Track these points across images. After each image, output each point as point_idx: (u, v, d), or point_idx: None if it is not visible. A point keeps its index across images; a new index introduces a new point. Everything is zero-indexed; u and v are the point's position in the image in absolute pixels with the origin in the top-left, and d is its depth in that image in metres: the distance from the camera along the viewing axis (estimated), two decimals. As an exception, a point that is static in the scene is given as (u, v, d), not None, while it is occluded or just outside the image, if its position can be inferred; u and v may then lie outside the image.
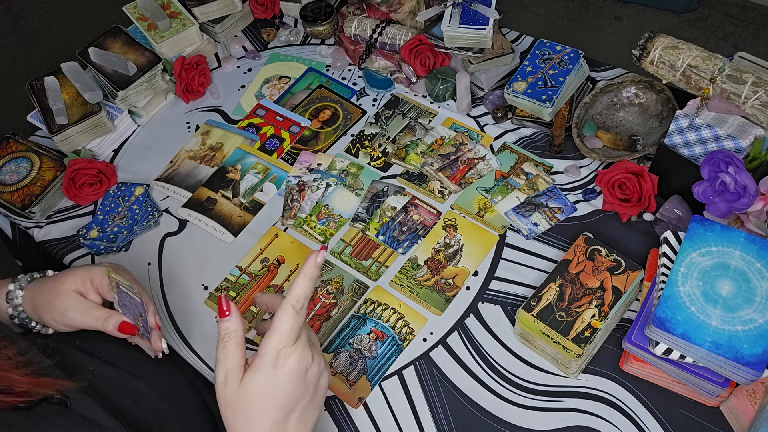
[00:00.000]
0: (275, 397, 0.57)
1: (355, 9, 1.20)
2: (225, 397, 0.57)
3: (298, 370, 0.58)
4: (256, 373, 0.57)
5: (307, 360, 0.58)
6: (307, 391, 0.59)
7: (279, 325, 0.57)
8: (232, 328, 0.58)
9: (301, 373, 0.58)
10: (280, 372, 0.57)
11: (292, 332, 0.57)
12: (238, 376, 0.57)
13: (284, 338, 0.57)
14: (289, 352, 0.57)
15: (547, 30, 2.32)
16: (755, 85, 0.82)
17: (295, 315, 0.57)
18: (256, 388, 0.57)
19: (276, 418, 0.57)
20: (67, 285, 0.74)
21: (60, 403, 0.58)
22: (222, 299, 0.58)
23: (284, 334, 0.57)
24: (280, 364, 0.57)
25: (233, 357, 0.57)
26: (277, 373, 0.57)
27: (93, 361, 0.70)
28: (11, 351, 0.56)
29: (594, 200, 0.97)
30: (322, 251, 0.59)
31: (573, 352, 0.76)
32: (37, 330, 0.76)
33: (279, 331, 0.57)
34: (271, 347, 0.57)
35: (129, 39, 1.15)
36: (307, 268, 0.58)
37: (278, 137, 1.11)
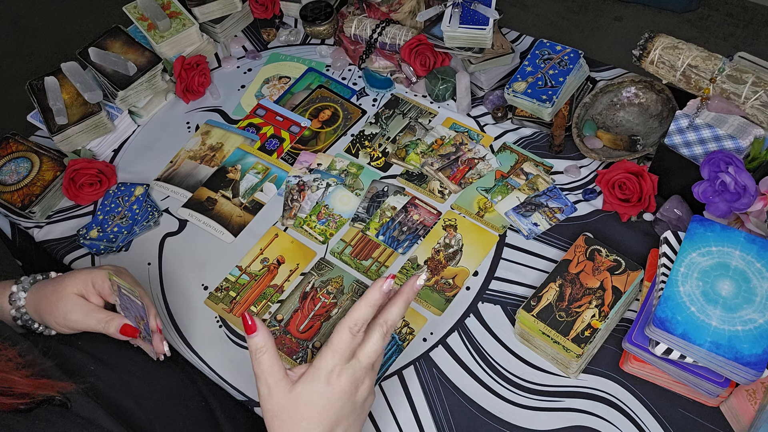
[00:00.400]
0: (325, 409, 0.57)
1: (355, 9, 1.20)
2: (272, 407, 0.58)
3: (349, 388, 0.58)
4: (309, 385, 0.57)
5: (360, 380, 0.59)
6: (354, 410, 0.60)
7: (335, 344, 0.58)
8: (261, 342, 0.58)
9: (352, 392, 0.59)
10: (333, 387, 0.57)
11: (346, 351, 0.58)
12: (284, 386, 0.58)
13: (338, 356, 0.58)
14: (342, 369, 0.58)
15: (547, 30, 2.32)
16: (755, 85, 0.82)
17: (350, 337, 0.58)
18: (308, 398, 0.57)
19: (321, 430, 0.58)
20: (69, 288, 0.74)
21: (61, 404, 0.58)
22: (246, 316, 0.58)
23: (338, 352, 0.58)
24: (333, 381, 0.57)
25: (271, 370, 0.58)
26: (329, 388, 0.57)
27: (94, 362, 0.70)
28: (12, 352, 0.57)
29: (594, 200, 0.97)
30: (389, 280, 0.60)
31: (573, 352, 0.76)
32: (40, 331, 0.77)
33: (334, 349, 0.58)
34: (326, 362, 0.58)
35: (129, 39, 1.15)
36: (371, 295, 0.59)
37: (278, 137, 1.11)
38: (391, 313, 0.60)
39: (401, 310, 0.60)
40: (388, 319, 0.60)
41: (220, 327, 0.91)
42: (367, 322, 0.58)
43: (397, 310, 0.60)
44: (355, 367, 0.58)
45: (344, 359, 0.58)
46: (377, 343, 0.59)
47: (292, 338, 0.88)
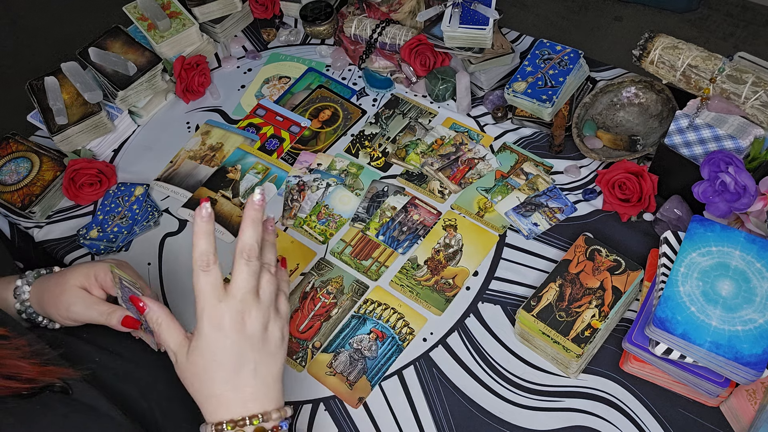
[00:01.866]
0: (218, 355, 0.58)
1: (355, 9, 1.20)
2: (182, 372, 0.60)
3: (234, 325, 0.58)
4: (197, 339, 0.59)
5: (242, 313, 0.59)
6: (252, 343, 0.60)
7: (197, 290, 0.59)
8: (154, 315, 0.61)
9: (238, 329, 0.59)
10: (219, 331, 0.58)
11: (208, 291, 0.58)
12: (184, 347, 0.60)
13: (203, 299, 0.58)
14: (218, 311, 0.58)
15: (547, 30, 2.32)
16: (755, 85, 0.82)
17: (204, 275, 0.58)
18: (199, 352, 0.59)
19: (225, 375, 0.59)
20: (72, 281, 0.76)
21: (62, 390, 0.60)
22: (136, 299, 0.62)
23: (202, 294, 0.58)
24: (216, 323, 0.58)
25: (169, 336, 0.60)
26: (214, 332, 0.58)
27: (99, 352, 0.72)
28: (21, 341, 0.59)
29: (594, 200, 0.97)
30: (205, 203, 0.59)
31: (573, 352, 0.76)
32: (44, 324, 0.79)
33: (199, 295, 0.58)
34: (200, 310, 0.58)
35: (129, 39, 1.15)
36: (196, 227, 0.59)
37: (278, 137, 1.11)
38: (243, 239, 0.60)
39: (250, 231, 0.60)
40: (243, 245, 0.59)
41: (220, 327, 0.91)
42: (211, 254, 0.58)
43: (247, 233, 0.60)
44: (230, 303, 0.58)
45: (213, 297, 0.58)
46: (242, 271, 0.59)
47: (292, 338, 0.88)
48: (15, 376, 0.56)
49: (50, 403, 0.58)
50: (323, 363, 0.86)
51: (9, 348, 0.58)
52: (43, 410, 0.57)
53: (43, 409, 0.57)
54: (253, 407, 0.60)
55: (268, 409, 0.60)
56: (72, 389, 0.61)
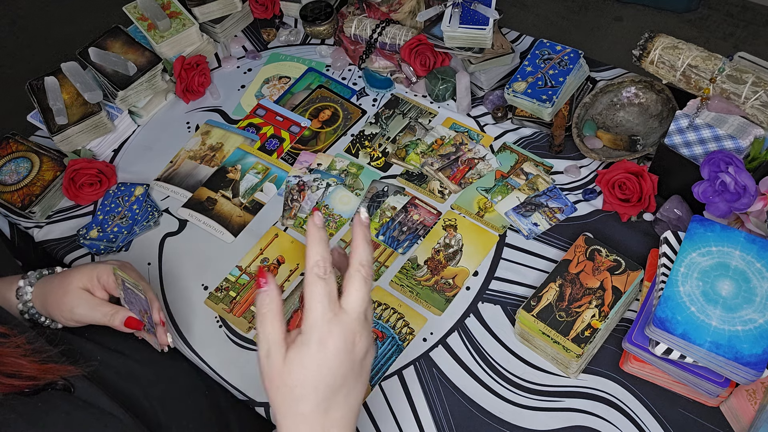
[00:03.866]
0: (321, 372, 0.53)
1: (355, 9, 1.20)
2: (269, 372, 0.54)
3: (344, 345, 0.54)
4: (300, 348, 0.53)
5: (354, 334, 0.54)
6: (353, 368, 0.55)
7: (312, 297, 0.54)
8: (267, 300, 0.54)
9: (348, 349, 0.54)
10: (326, 347, 0.53)
11: (326, 300, 0.53)
12: (281, 349, 0.54)
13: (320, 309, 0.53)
14: (332, 326, 0.53)
15: (547, 30, 2.32)
16: (755, 85, 0.82)
17: (322, 282, 0.53)
18: (301, 364, 0.53)
19: (323, 396, 0.54)
20: (75, 282, 0.76)
21: (64, 388, 0.60)
22: (261, 270, 0.54)
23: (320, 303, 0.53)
24: (325, 340, 0.53)
25: (272, 330, 0.54)
26: (321, 348, 0.53)
27: (101, 351, 0.73)
28: (21, 339, 0.59)
29: (594, 200, 0.97)
30: (317, 212, 0.56)
31: (573, 352, 0.76)
32: (47, 325, 0.79)
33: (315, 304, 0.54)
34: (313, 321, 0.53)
35: (129, 39, 1.15)
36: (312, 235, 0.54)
37: (278, 137, 1.11)
38: (361, 254, 0.55)
39: (367, 248, 0.55)
40: (362, 260, 0.55)
41: (220, 327, 0.91)
42: (328, 260, 0.54)
43: (364, 249, 0.55)
44: (344, 320, 0.53)
45: (329, 310, 0.53)
46: (361, 288, 0.54)
47: (292, 338, 0.88)
48: (16, 374, 0.56)
49: (52, 401, 0.58)
50: (323, 363, 0.86)
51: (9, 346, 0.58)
52: (45, 408, 0.57)
53: (46, 406, 0.57)
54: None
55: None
56: (74, 387, 0.61)
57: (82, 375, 0.62)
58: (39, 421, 0.56)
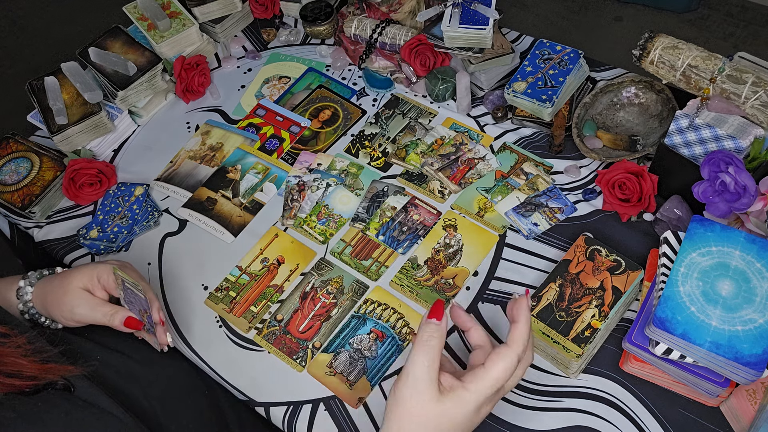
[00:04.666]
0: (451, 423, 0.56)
1: (355, 9, 1.20)
2: (412, 405, 0.55)
3: (477, 407, 0.57)
4: (460, 404, 0.55)
5: (486, 399, 0.57)
6: (470, 427, 0.58)
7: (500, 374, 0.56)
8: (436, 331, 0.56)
9: (476, 411, 0.57)
10: (480, 414, 0.57)
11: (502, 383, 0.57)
12: (433, 390, 0.55)
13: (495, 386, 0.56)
14: (494, 398, 0.57)
15: (547, 30, 2.32)
16: (755, 85, 0.82)
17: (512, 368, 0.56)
18: (454, 417, 0.55)
19: None
20: (75, 282, 0.77)
21: (64, 388, 0.61)
22: (441, 305, 0.57)
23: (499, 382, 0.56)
24: (483, 409, 0.57)
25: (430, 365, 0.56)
26: (477, 414, 0.56)
27: (101, 351, 0.73)
28: (21, 339, 0.59)
29: (594, 200, 0.97)
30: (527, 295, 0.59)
31: (573, 352, 0.76)
32: (47, 325, 0.79)
33: (497, 380, 0.56)
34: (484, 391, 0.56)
35: (129, 39, 1.15)
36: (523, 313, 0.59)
37: (278, 137, 1.11)
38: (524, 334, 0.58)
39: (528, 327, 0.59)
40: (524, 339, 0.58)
41: (220, 327, 0.91)
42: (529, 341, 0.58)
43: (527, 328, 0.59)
44: (500, 395, 0.58)
45: (498, 388, 0.57)
46: (512, 361, 0.57)
47: (292, 338, 0.88)
48: (16, 374, 0.57)
49: (52, 400, 0.59)
50: (323, 363, 0.86)
51: (10, 346, 0.58)
52: (45, 407, 0.57)
53: (45, 406, 0.58)
54: None
55: None
56: (74, 387, 0.61)
57: (82, 375, 0.62)
58: (39, 420, 0.56)
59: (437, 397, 0.55)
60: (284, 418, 0.82)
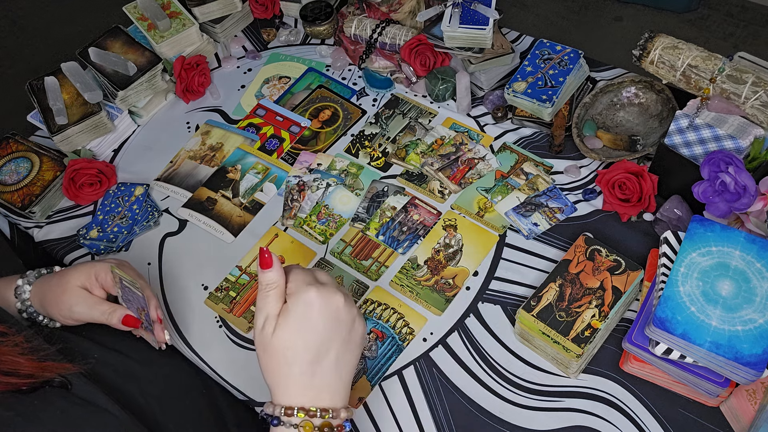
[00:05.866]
0: (309, 334, 0.58)
1: (355, 9, 1.20)
2: (263, 341, 0.59)
3: (328, 309, 0.59)
4: (289, 315, 0.58)
5: (337, 301, 0.59)
6: (339, 331, 0.59)
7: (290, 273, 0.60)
8: (274, 278, 0.59)
9: (332, 313, 0.59)
10: (311, 310, 0.58)
11: (306, 275, 0.60)
12: (274, 321, 0.58)
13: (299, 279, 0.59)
14: (311, 292, 0.58)
15: (547, 30, 2.32)
16: (755, 85, 0.82)
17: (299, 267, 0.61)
18: (287, 330, 0.58)
19: (311, 358, 0.58)
20: (73, 281, 0.77)
21: (61, 386, 0.61)
22: (263, 251, 0.59)
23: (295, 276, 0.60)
24: (310, 302, 0.58)
25: (273, 305, 0.59)
26: (308, 311, 0.58)
27: (99, 349, 0.73)
28: (19, 338, 0.59)
29: (594, 200, 0.97)
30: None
31: (573, 352, 0.76)
32: (45, 324, 0.79)
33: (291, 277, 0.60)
34: (291, 288, 0.59)
35: (129, 39, 1.15)
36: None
37: (278, 137, 1.11)
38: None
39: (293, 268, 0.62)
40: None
41: (220, 327, 0.91)
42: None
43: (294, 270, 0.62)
44: (323, 288, 0.59)
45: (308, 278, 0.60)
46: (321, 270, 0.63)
47: (292, 338, 0.88)
48: (13, 372, 0.57)
49: (49, 398, 0.59)
50: (323, 363, 0.86)
51: (7, 345, 0.58)
52: (41, 405, 0.58)
53: (42, 404, 0.58)
54: (326, 400, 0.59)
55: (338, 406, 0.59)
56: (71, 384, 0.61)
57: (79, 373, 0.63)
58: (35, 418, 0.56)
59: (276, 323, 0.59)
60: (284, 418, 0.82)
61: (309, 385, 0.58)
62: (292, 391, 0.58)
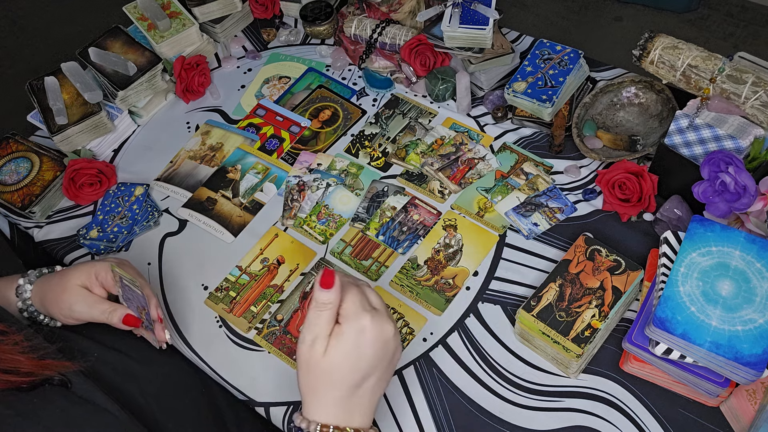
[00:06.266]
0: (356, 360, 0.59)
1: (355, 9, 1.20)
2: (310, 359, 0.59)
3: (380, 338, 0.60)
4: (341, 339, 0.59)
5: (388, 331, 0.60)
6: (384, 359, 0.61)
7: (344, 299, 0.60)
8: (332, 299, 0.59)
9: (382, 343, 0.60)
10: (364, 337, 0.59)
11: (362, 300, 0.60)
12: (325, 342, 0.59)
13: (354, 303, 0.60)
14: (371, 318, 0.59)
15: (547, 30, 2.32)
16: (755, 85, 0.82)
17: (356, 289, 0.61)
18: (341, 352, 0.59)
19: (354, 382, 0.59)
20: (74, 280, 0.77)
21: (61, 384, 0.61)
22: (328, 270, 0.60)
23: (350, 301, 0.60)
24: (363, 328, 0.59)
25: (325, 325, 0.59)
26: (360, 338, 0.59)
27: (98, 348, 0.73)
28: (19, 337, 0.60)
29: (594, 200, 0.97)
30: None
31: (573, 352, 0.76)
32: (46, 323, 0.79)
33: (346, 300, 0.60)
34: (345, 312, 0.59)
35: (129, 39, 1.15)
36: None
37: (278, 137, 1.11)
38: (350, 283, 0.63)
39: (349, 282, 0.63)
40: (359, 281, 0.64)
41: (220, 327, 0.91)
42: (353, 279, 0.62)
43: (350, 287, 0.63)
44: (377, 314, 0.60)
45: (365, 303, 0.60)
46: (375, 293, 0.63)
47: (292, 338, 0.88)
48: (13, 371, 0.57)
49: (48, 397, 0.59)
50: (323, 363, 0.86)
51: (7, 343, 0.59)
52: (41, 404, 0.58)
53: (41, 402, 0.58)
54: (357, 421, 0.60)
55: (367, 427, 0.61)
56: (71, 383, 0.62)
57: (78, 371, 0.63)
58: (34, 416, 0.57)
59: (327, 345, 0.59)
60: (284, 418, 0.82)
61: (346, 407, 0.60)
62: (329, 410, 0.59)
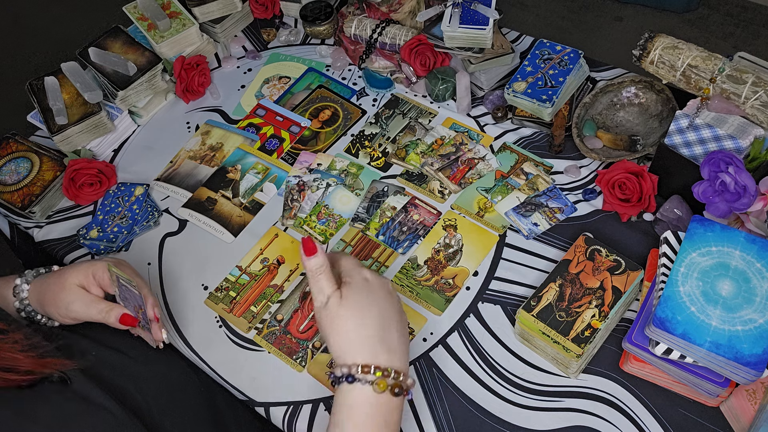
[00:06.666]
0: (372, 304, 0.65)
1: (355, 9, 1.20)
2: (329, 313, 0.65)
3: (383, 286, 0.67)
4: (352, 287, 0.66)
5: (387, 282, 0.68)
6: (394, 305, 0.67)
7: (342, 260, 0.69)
8: (321, 262, 0.66)
9: (387, 291, 0.67)
10: (370, 284, 0.66)
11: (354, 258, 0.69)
12: (338, 294, 0.65)
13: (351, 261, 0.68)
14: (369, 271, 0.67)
15: (547, 30, 2.32)
16: (755, 85, 0.82)
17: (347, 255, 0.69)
18: (356, 297, 0.65)
19: (378, 323, 0.65)
20: (71, 279, 0.77)
21: (60, 381, 0.61)
22: (306, 239, 0.66)
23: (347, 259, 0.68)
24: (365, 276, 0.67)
25: (327, 284, 0.66)
26: (367, 285, 0.66)
27: (97, 347, 0.73)
28: (18, 335, 0.60)
29: (594, 200, 0.97)
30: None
31: (573, 352, 0.76)
32: (43, 323, 0.79)
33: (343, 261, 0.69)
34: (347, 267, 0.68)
35: (129, 39, 1.15)
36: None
37: (278, 137, 1.11)
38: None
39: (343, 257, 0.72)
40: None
41: (220, 327, 0.91)
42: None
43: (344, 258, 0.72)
44: (372, 271, 0.67)
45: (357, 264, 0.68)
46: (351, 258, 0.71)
47: (292, 338, 0.88)
48: (12, 369, 0.57)
49: (46, 395, 0.59)
50: (323, 363, 0.86)
51: (7, 341, 0.59)
52: (39, 401, 0.58)
53: (39, 400, 0.58)
54: (396, 362, 0.64)
55: (406, 371, 0.65)
56: (70, 380, 0.62)
57: (77, 369, 0.63)
58: (33, 414, 0.57)
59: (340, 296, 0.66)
60: (284, 418, 0.82)
61: (380, 348, 0.64)
62: (365, 351, 0.63)
